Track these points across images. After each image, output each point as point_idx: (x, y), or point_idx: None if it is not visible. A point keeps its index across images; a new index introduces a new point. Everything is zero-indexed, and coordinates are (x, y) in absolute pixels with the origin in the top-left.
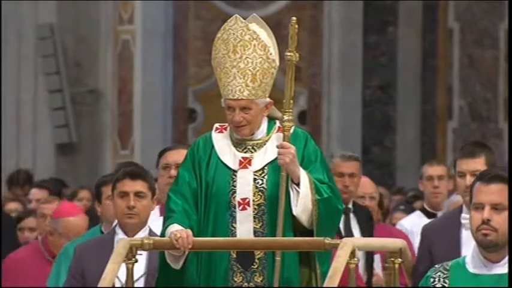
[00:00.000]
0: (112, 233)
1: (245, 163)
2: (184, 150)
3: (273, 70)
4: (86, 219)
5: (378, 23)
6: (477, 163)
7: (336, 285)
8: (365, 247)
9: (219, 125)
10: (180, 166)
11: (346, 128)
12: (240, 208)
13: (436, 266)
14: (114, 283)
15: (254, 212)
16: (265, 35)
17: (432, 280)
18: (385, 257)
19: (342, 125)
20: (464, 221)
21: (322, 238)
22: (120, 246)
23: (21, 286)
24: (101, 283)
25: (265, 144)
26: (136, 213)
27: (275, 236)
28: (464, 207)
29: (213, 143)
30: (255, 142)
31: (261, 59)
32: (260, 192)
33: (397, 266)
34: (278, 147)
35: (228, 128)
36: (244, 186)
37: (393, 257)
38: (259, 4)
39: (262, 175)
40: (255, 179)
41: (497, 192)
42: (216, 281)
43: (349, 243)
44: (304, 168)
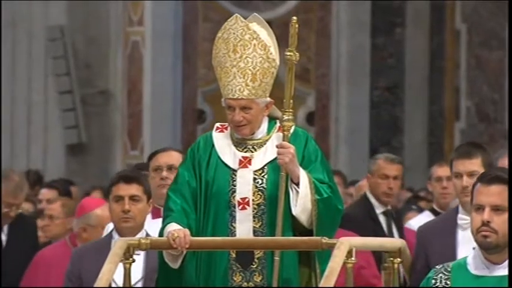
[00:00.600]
0: (109, 236)
1: (245, 162)
2: (175, 152)
3: (273, 70)
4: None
5: (386, 24)
6: (473, 164)
7: (332, 285)
8: (363, 247)
9: (220, 125)
10: (180, 165)
11: (354, 128)
12: (240, 208)
13: (437, 267)
14: (111, 284)
15: (254, 211)
16: (266, 35)
17: (434, 282)
18: (385, 257)
19: (350, 126)
20: (460, 222)
21: (320, 237)
22: (117, 246)
23: (54, 282)
24: (97, 283)
25: (265, 143)
26: (132, 217)
27: (274, 235)
28: (460, 208)
29: (213, 143)
30: (255, 142)
31: (261, 59)
32: (260, 192)
33: (396, 265)
34: (278, 147)
35: (229, 127)
36: (244, 185)
37: (392, 257)
38: (268, 5)
39: (262, 175)
40: (254, 179)
41: (498, 193)
42: (215, 280)
43: (346, 243)
44: (304, 168)
